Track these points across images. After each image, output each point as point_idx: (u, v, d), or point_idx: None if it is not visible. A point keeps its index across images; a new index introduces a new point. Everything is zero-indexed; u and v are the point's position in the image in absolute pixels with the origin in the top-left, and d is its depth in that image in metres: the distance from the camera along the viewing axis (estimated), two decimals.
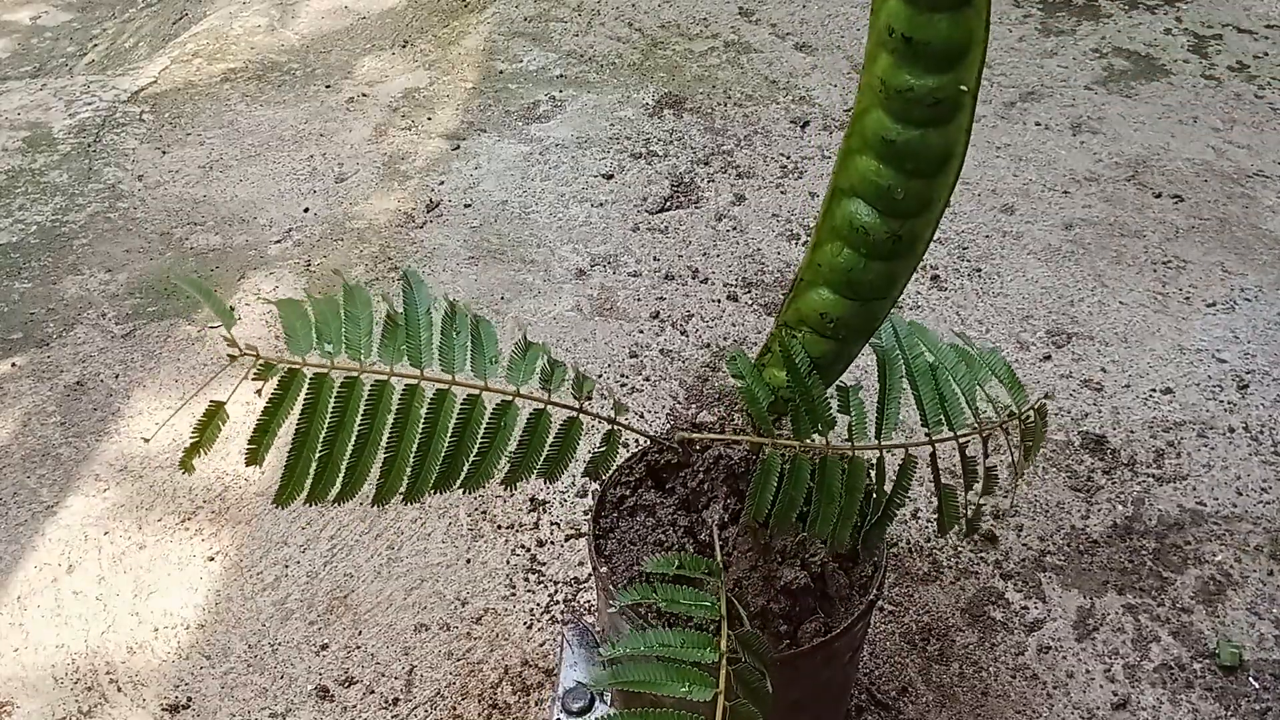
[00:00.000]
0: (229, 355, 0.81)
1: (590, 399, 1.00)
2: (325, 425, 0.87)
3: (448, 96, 2.65)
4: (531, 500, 1.64)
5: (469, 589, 1.53)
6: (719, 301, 2.00)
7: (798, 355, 1.00)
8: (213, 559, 1.57)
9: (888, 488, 1.05)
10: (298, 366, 0.86)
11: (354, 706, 1.40)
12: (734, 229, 2.18)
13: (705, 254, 2.12)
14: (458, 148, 2.46)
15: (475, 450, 0.93)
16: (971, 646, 1.43)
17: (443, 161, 2.42)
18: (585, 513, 1.61)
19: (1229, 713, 1.35)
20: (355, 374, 0.88)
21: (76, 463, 1.73)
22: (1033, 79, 2.61)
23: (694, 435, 1.09)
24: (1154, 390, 1.79)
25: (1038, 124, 2.46)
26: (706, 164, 2.37)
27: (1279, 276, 2.01)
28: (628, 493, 1.18)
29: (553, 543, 1.58)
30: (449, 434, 0.91)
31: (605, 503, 1.19)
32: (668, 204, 2.26)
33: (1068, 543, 1.56)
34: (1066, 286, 2.01)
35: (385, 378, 0.89)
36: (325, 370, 0.87)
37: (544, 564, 1.55)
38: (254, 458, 0.87)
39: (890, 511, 1.05)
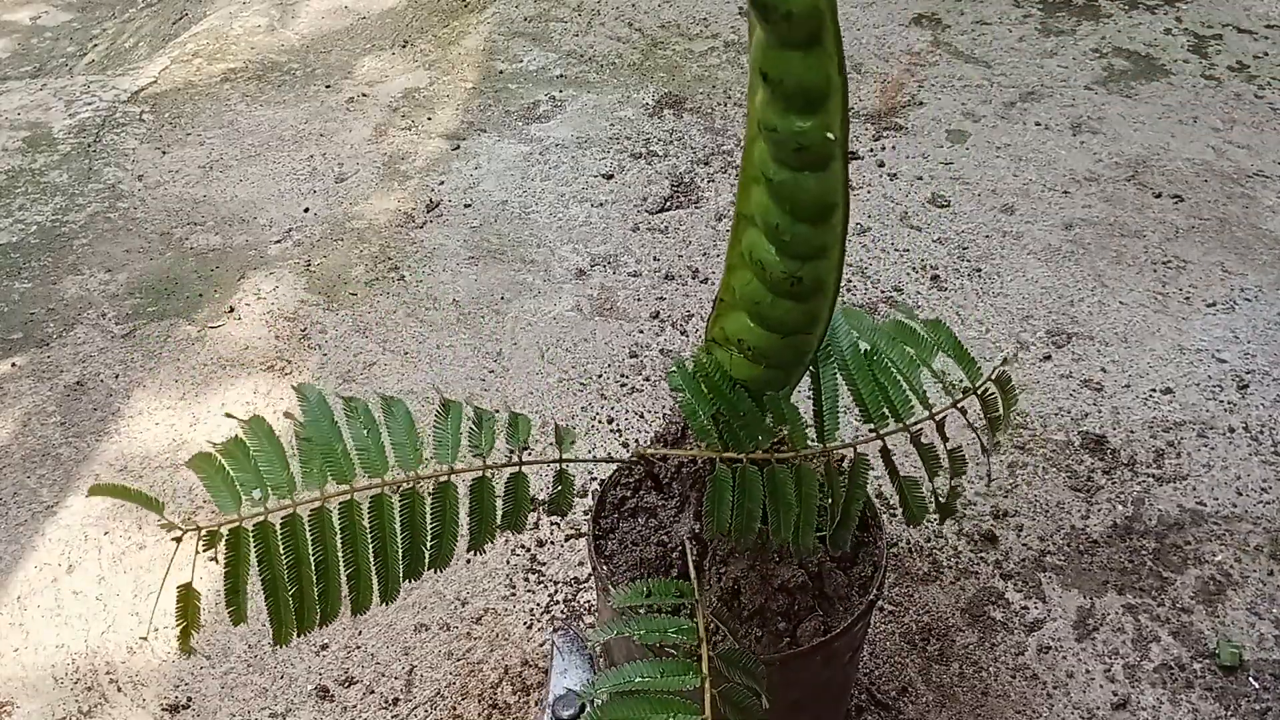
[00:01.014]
0: (172, 539, 0.84)
1: (527, 447, 0.99)
2: (284, 566, 0.88)
3: (448, 96, 2.65)
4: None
5: (469, 589, 1.53)
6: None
7: (714, 374, 0.98)
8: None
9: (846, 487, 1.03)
10: (236, 524, 0.87)
11: (354, 706, 1.39)
12: None
13: (705, 254, 2.12)
14: (458, 148, 2.46)
15: (430, 536, 0.94)
16: (971, 646, 1.43)
17: (443, 161, 2.42)
18: (585, 513, 1.60)
19: (1229, 713, 1.35)
20: (290, 510, 0.88)
21: (76, 463, 1.73)
22: (1033, 79, 2.61)
23: (650, 453, 1.08)
24: (1154, 390, 1.79)
25: (1038, 124, 2.46)
26: (706, 164, 2.37)
27: (1279, 276, 2.01)
28: (628, 494, 1.18)
29: (553, 543, 1.58)
30: (399, 533, 0.92)
31: (605, 504, 1.19)
32: (668, 204, 2.26)
33: (1068, 543, 1.56)
34: (1066, 286, 2.01)
35: (319, 503, 0.90)
36: (262, 517, 0.88)
37: (544, 564, 1.55)
38: (237, 617, 0.89)
39: (849, 512, 1.02)
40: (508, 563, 1.56)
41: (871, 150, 2.39)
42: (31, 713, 1.40)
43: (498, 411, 1.00)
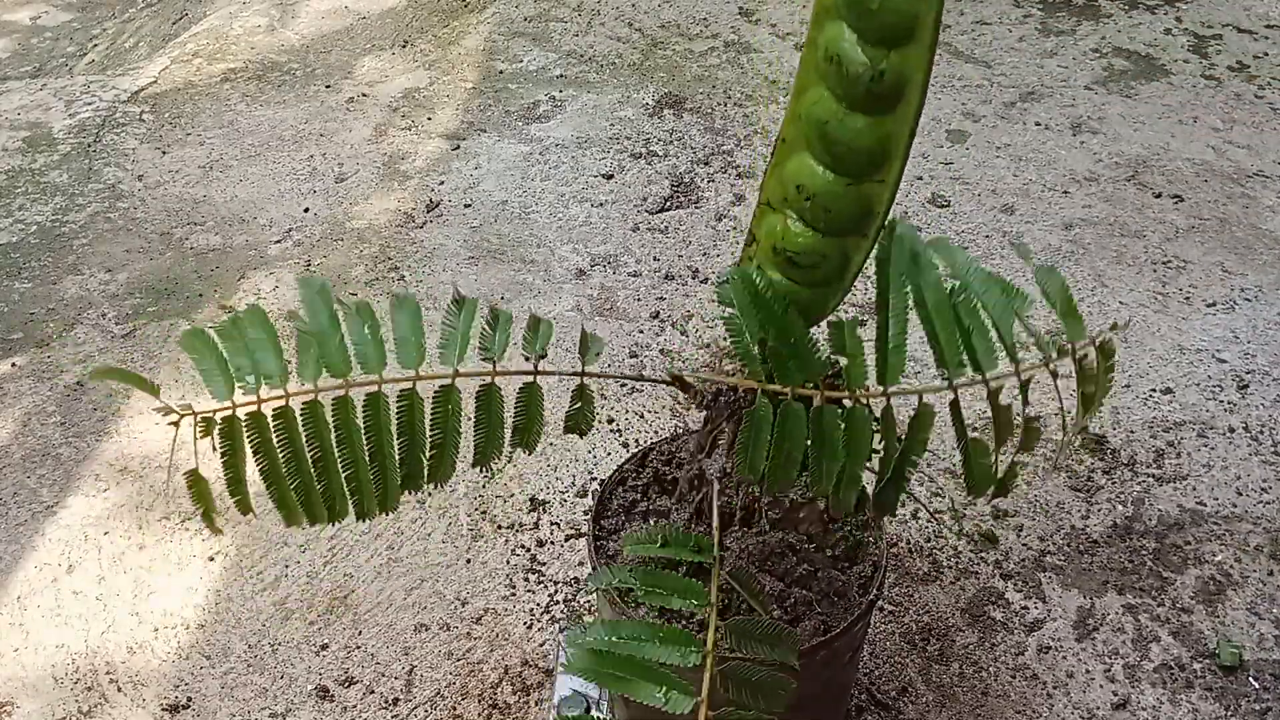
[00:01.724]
0: (170, 423, 0.80)
1: (545, 355, 0.91)
2: (281, 458, 0.84)
3: (448, 96, 2.65)
4: (531, 500, 1.64)
5: (469, 589, 1.53)
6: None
7: (766, 290, 0.86)
8: (213, 559, 1.57)
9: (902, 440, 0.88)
10: (229, 411, 0.83)
11: (354, 706, 1.40)
12: (734, 229, 2.18)
13: (705, 254, 2.12)
14: (458, 148, 2.46)
15: (429, 444, 0.88)
16: (971, 646, 1.43)
17: (443, 161, 2.42)
18: (585, 513, 1.60)
19: (1229, 713, 1.35)
20: (283, 402, 0.83)
21: (76, 463, 1.73)
22: (1033, 79, 2.61)
23: (688, 377, 0.96)
24: (1154, 390, 1.79)
25: (1038, 124, 2.46)
26: (706, 164, 2.37)
27: (1279, 276, 2.01)
28: (638, 496, 1.18)
29: (553, 543, 1.58)
30: (396, 437, 0.86)
31: (607, 504, 1.19)
32: (668, 204, 2.26)
33: (1068, 543, 1.56)
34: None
35: (312, 396, 0.84)
36: (255, 406, 0.83)
37: (544, 564, 1.55)
38: (243, 507, 0.86)
39: (902, 469, 0.88)
40: (508, 563, 1.56)
41: None
42: (31, 713, 1.40)
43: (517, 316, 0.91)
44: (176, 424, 0.79)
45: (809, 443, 0.85)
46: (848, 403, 0.85)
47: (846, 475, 0.84)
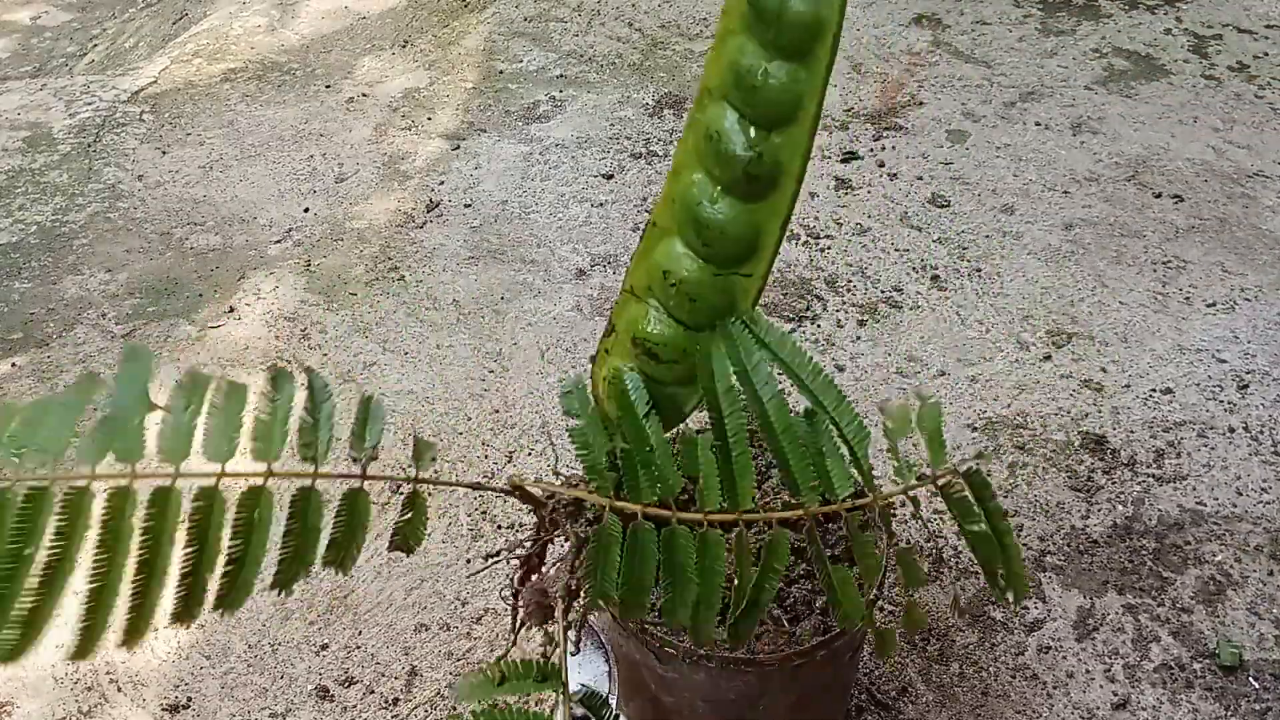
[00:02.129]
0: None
1: (375, 457, 0.77)
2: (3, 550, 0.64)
3: (448, 96, 2.65)
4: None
5: (469, 589, 1.53)
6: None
7: (631, 386, 0.80)
8: None
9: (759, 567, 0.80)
10: None
11: (354, 706, 1.40)
12: None
13: None
14: (458, 148, 2.46)
15: (224, 556, 0.71)
16: (971, 646, 1.43)
17: (443, 161, 2.42)
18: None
19: (1229, 713, 1.35)
20: (46, 484, 0.66)
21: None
22: (1033, 79, 2.61)
23: (530, 487, 0.88)
24: (1154, 390, 1.79)
25: (1038, 124, 2.46)
26: None
27: (1279, 276, 2.01)
28: None
29: (553, 542, 1.58)
30: (178, 544, 0.70)
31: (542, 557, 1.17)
32: None
33: (1068, 543, 1.56)
34: (1066, 286, 2.01)
35: (84, 483, 0.66)
36: (7, 484, 0.65)
37: (544, 564, 1.55)
38: None
39: (758, 600, 0.79)
40: (508, 563, 1.55)
41: (871, 150, 2.39)
42: (31, 713, 1.40)
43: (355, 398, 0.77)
44: None
45: (658, 568, 0.78)
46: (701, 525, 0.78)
47: (701, 604, 0.76)
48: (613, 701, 1.27)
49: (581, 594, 0.85)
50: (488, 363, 1.89)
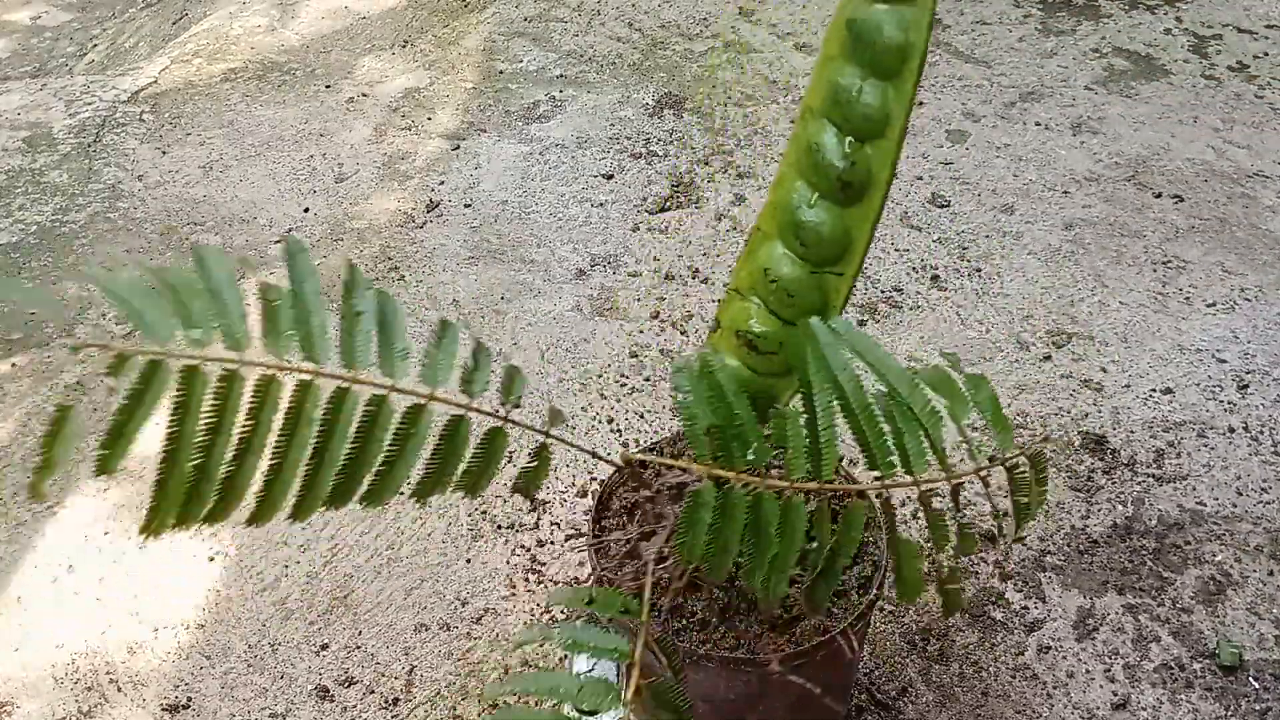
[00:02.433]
0: (71, 348, 0.69)
1: (519, 406, 0.87)
2: (197, 427, 0.73)
3: (448, 96, 2.65)
4: (532, 500, 1.64)
5: (469, 589, 1.53)
6: (719, 301, 2.00)
7: (721, 371, 0.86)
8: (213, 559, 1.57)
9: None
10: (161, 358, 0.70)
11: (354, 706, 1.40)
12: (734, 229, 2.18)
13: (705, 254, 2.12)
14: (458, 148, 2.46)
15: (381, 460, 0.79)
16: (971, 646, 1.43)
17: (443, 161, 2.42)
18: (585, 513, 1.60)
19: (1229, 713, 1.35)
20: (235, 366, 0.72)
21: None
22: (1033, 79, 2.61)
23: (639, 457, 0.95)
24: (1154, 390, 1.79)
25: (1038, 124, 2.46)
26: (706, 164, 2.37)
27: (1279, 276, 2.01)
28: (638, 498, 1.18)
29: (553, 543, 1.58)
30: (348, 440, 0.78)
31: (607, 505, 1.19)
32: (668, 204, 2.26)
33: (1068, 543, 1.56)
34: (1066, 286, 2.01)
35: (272, 372, 0.75)
36: (197, 363, 0.71)
37: (544, 564, 1.55)
38: (105, 465, 0.71)
39: (834, 565, 0.87)
40: (507, 563, 1.56)
41: None
42: (31, 713, 1.40)
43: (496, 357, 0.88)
44: (75, 351, 0.64)
45: (745, 530, 0.84)
46: (787, 492, 0.85)
47: (777, 563, 0.83)
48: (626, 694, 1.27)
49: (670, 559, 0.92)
50: None
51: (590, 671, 1.27)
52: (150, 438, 0.83)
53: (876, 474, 0.86)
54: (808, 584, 0.87)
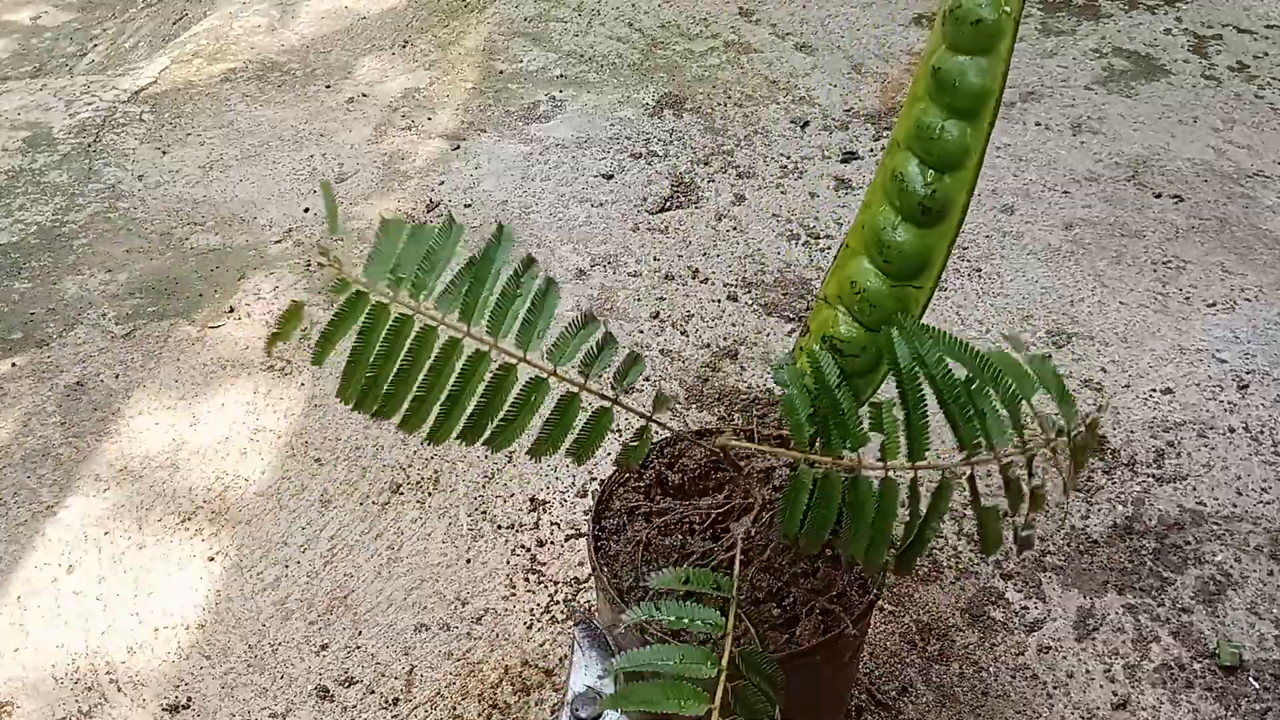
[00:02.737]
0: (318, 262, 0.86)
1: (629, 391, 1.00)
2: (374, 351, 0.93)
3: (448, 97, 2.65)
4: (531, 500, 1.64)
5: (469, 589, 1.53)
6: (719, 302, 2.00)
7: (827, 366, 0.97)
8: (213, 559, 1.58)
9: (924, 508, 0.99)
10: (365, 291, 0.93)
11: (354, 706, 1.40)
12: (734, 229, 2.18)
13: (705, 254, 2.12)
14: (458, 148, 2.46)
15: (501, 416, 0.96)
16: (971, 646, 1.43)
17: (442, 161, 2.42)
18: (585, 513, 1.61)
19: (1229, 713, 1.35)
20: (410, 313, 0.93)
21: (76, 463, 1.73)
22: (1033, 79, 2.61)
23: (736, 444, 1.05)
24: (1154, 390, 1.79)
25: (1038, 124, 2.46)
26: (706, 164, 2.37)
27: (1279, 276, 2.01)
28: (640, 498, 1.18)
29: (553, 543, 1.58)
30: (478, 394, 0.94)
31: (608, 505, 1.19)
32: (668, 204, 2.26)
33: (1068, 543, 1.56)
34: (1066, 286, 2.01)
35: (435, 324, 0.94)
36: (386, 303, 0.93)
37: (544, 564, 1.55)
38: (318, 358, 0.95)
39: (925, 535, 0.98)
40: (508, 563, 1.56)
41: (872, 150, 2.39)
42: (31, 713, 1.40)
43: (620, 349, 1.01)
44: (321, 265, 0.86)
45: (842, 509, 0.94)
46: (880, 474, 0.95)
47: (877, 537, 0.94)
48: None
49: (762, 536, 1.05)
50: None
51: (585, 691, 1.29)
52: (150, 438, 0.84)
53: (962, 452, 0.96)
54: (899, 552, 0.97)
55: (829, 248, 2.11)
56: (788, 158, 2.38)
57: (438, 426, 0.94)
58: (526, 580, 1.53)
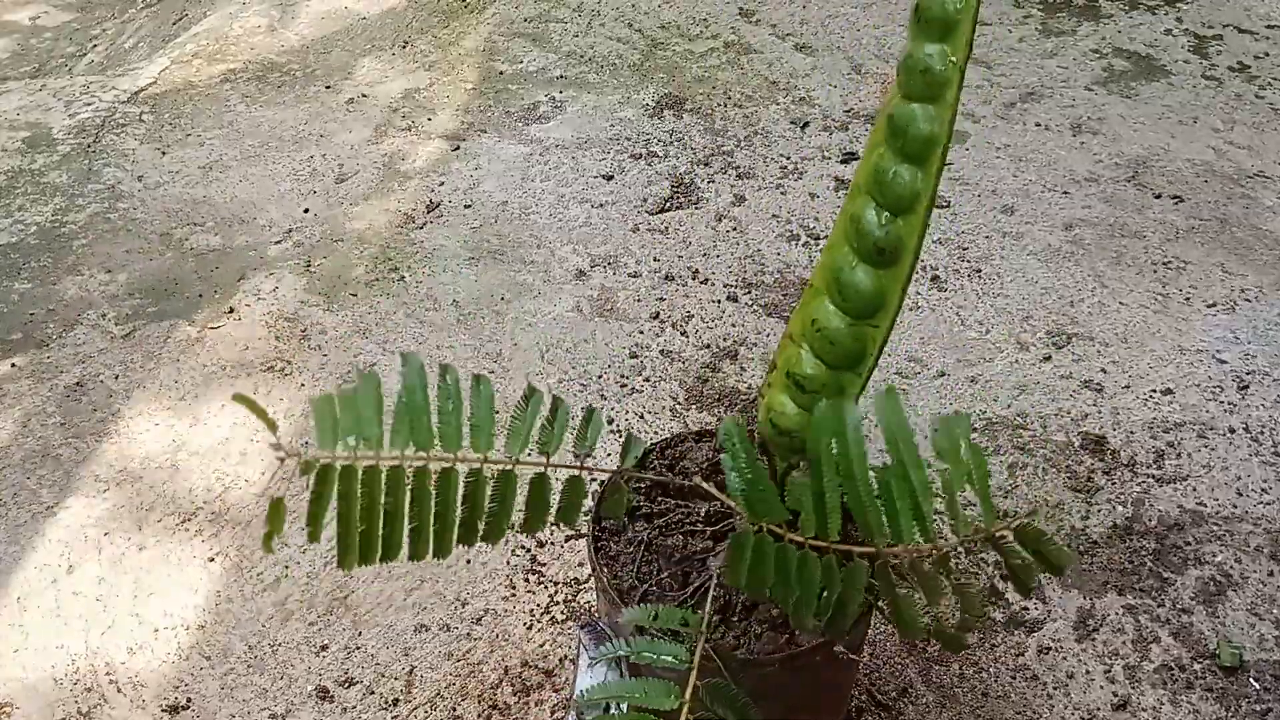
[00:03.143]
0: (278, 459, 0.93)
1: (591, 454, 1.05)
2: (358, 507, 0.98)
3: (448, 97, 2.65)
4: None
5: (469, 589, 1.53)
6: (719, 302, 2.00)
7: (732, 444, 1.01)
8: (213, 559, 1.57)
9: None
10: (330, 461, 0.97)
11: (354, 707, 1.39)
12: (734, 229, 2.18)
13: (705, 254, 2.12)
14: (458, 148, 2.46)
15: (486, 514, 1.02)
16: (972, 646, 1.43)
17: (443, 162, 2.42)
18: (586, 513, 1.60)
19: (1229, 713, 1.35)
20: (373, 462, 0.99)
21: (76, 463, 1.73)
22: (1033, 79, 2.61)
23: (704, 487, 1.09)
24: (1154, 391, 1.79)
25: (1038, 124, 2.46)
26: (706, 164, 2.37)
27: (1279, 277, 2.01)
28: (640, 499, 1.18)
29: (553, 543, 1.58)
30: (459, 504, 1.01)
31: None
32: (668, 204, 2.26)
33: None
34: (1066, 287, 2.01)
35: (398, 463, 0.99)
36: (350, 463, 0.98)
37: (544, 565, 1.55)
38: (313, 536, 0.96)
39: (845, 608, 1.00)
40: (507, 563, 1.56)
41: None
42: (31, 713, 1.40)
43: (573, 409, 1.05)
44: (281, 460, 0.93)
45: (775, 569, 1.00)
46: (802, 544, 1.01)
47: (801, 603, 0.98)
48: (624, 707, 1.27)
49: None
50: (488, 363, 1.89)
51: (601, 681, 1.29)
52: (150, 439, 0.84)
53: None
54: (825, 620, 1.01)
55: None
56: (787, 158, 2.38)
57: (438, 544, 1.00)
58: (526, 581, 1.53)
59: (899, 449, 0.98)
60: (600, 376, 1.85)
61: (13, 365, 1.92)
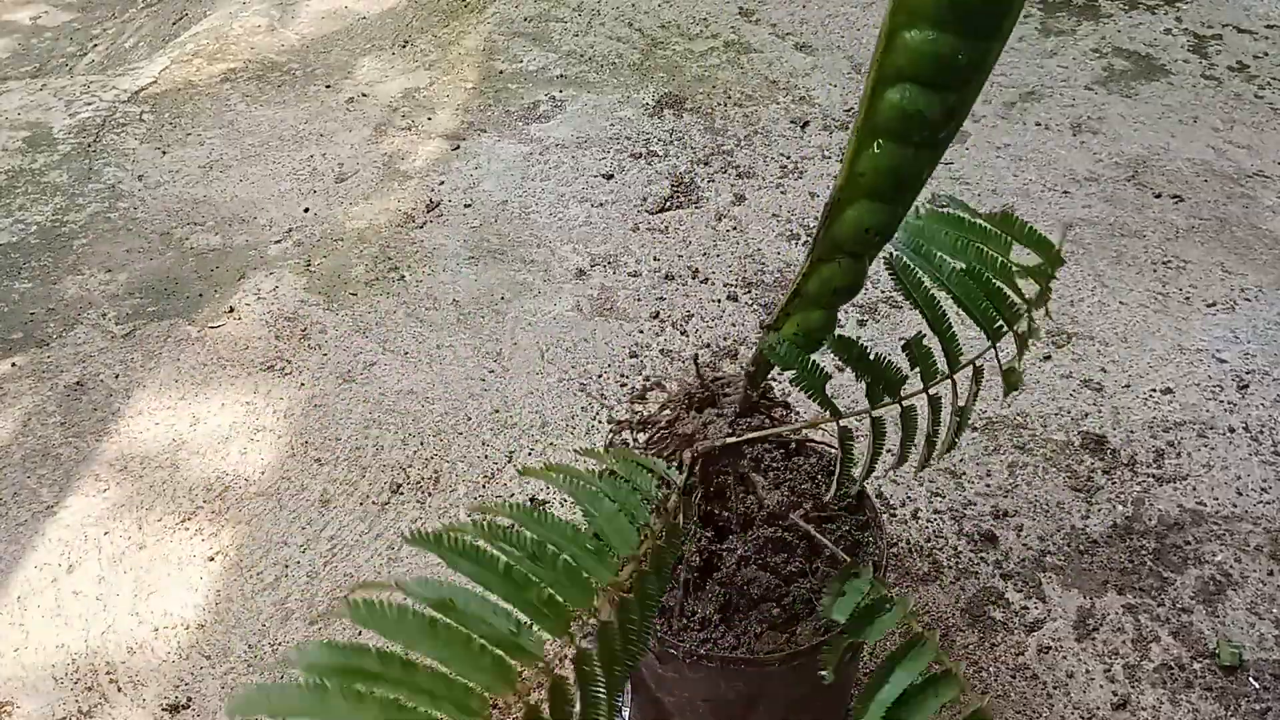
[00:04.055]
0: None
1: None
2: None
3: (448, 97, 2.65)
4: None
5: None
6: (719, 301, 2.00)
7: (777, 355, 1.03)
8: (213, 559, 1.58)
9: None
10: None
11: None
12: (734, 229, 2.18)
13: (705, 254, 2.12)
14: (458, 148, 2.46)
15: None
16: (971, 646, 1.43)
17: (443, 161, 2.42)
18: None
19: (1229, 713, 1.35)
20: None
21: (76, 463, 1.73)
22: (1033, 79, 2.61)
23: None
24: (1154, 390, 1.79)
25: (1038, 124, 2.46)
26: (707, 164, 2.37)
27: (1279, 276, 2.01)
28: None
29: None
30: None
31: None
32: (668, 204, 2.26)
33: (1068, 543, 1.56)
34: (1066, 287, 2.01)
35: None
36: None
37: None
38: None
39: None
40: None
41: None
42: (31, 713, 1.40)
43: None
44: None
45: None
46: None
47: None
48: (625, 710, 1.27)
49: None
50: (487, 363, 1.89)
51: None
52: (150, 438, 0.83)
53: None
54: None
55: None
56: (788, 158, 2.38)
57: None
58: None
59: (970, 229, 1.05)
60: (600, 376, 1.85)
61: (13, 364, 1.92)
